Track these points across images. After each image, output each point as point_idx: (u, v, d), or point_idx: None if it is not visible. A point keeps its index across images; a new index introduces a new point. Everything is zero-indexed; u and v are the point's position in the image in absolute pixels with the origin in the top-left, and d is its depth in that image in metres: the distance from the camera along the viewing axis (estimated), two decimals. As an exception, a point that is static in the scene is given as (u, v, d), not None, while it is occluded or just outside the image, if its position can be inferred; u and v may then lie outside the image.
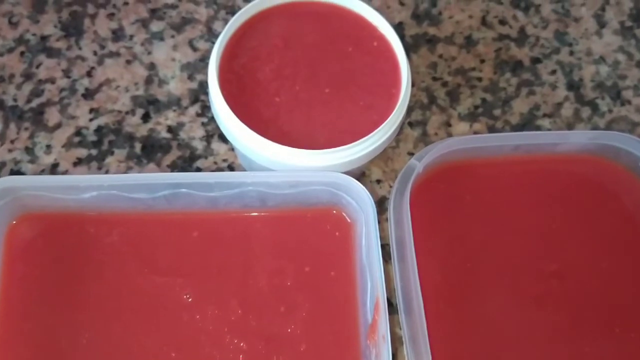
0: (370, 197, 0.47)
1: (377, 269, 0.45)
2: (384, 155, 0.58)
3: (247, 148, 0.49)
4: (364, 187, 0.47)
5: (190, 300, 0.48)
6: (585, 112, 0.61)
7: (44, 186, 0.47)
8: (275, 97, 0.51)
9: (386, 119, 0.49)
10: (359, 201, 0.48)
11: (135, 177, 0.48)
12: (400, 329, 0.48)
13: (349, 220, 0.51)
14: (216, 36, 0.61)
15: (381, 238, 0.47)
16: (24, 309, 0.48)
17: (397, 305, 0.48)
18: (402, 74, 0.51)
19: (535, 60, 0.63)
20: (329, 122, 0.51)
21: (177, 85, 0.61)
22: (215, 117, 0.51)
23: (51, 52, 0.61)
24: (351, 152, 0.49)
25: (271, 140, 0.47)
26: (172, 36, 0.62)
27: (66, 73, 0.61)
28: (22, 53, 0.61)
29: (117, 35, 0.62)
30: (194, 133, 0.59)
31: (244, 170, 0.56)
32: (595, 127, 0.60)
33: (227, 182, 0.48)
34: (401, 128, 0.53)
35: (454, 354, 0.47)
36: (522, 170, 0.53)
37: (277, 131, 0.50)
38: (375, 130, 0.48)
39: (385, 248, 0.49)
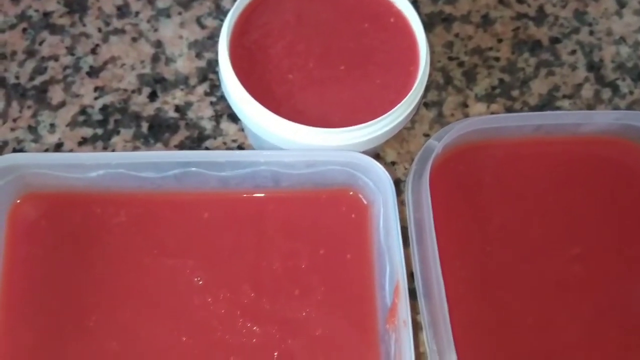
0: (389, 177, 0.46)
1: (397, 251, 0.43)
2: (399, 137, 0.57)
3: (259, 126, 0.47)
4: (383, 168, 0.46)
5: (201, 283, 0.47)
6: (606, 93, 0.60)
7: (48, 164, 0.45)
8: (288, 74, 0.50)
9: (403, 97, 0.48)
10: (377, 182, 0.47)
11: (144, 155, 0.46)
12: (418, 314, 0.46)
13: (365, 202, 0.50)
14: (224, 13, 0.60)
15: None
16: (28, 292, 0.46)
17: (415, 289, 0.47)
18: (420, 50, 0.50)
19: (555, 40, 0.61)
20: (344, 101, 0.49)
21: (184, 64, 0.59)
22: (225, 94, 0.49)
23: (54, 29, 0.60)
24: (368, 131, 0.47)
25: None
26: (179, 13, 0.61)
27: (70, 50, 0.59)
28: (24, 30, 0.60)
29: (122, 11, 0.61)
30: (203, 113, 0.57)
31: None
32: (617, 109, 0.58)
33: (239, 161, 0.47)
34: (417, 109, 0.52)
35: (474, 340, 0.46)
36: (543, 151, 0.52)
37: (290, 109, 0.48)
38: (394, 108, 0.47)
39: (402, 231, 0.48)
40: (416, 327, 0.49)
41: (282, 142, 0.48)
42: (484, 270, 0.49)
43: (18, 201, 0.48)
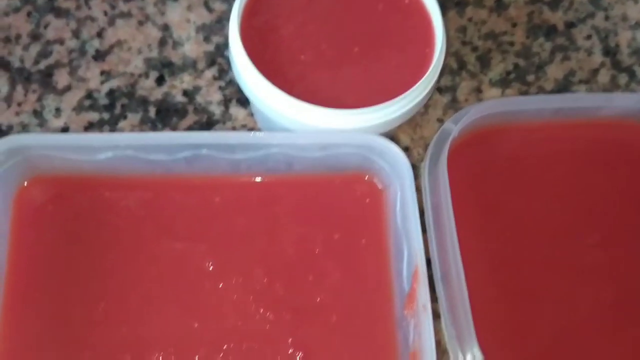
0: (407, 160, 0.45)
1: (416, 235, 0.42)
2: (412, 122, 0.56)
3: (272, 109, 0.46)
4: (400, 150, 0.45)
5: (212, 268, 0.46)
6: (623, 78, 0.59)
7: (55, 145, 0.44)
8: (300, 55, 0.49)
9: (419, 80, 0.47)
10: (394, 165, 0.46)
11: (154, 137, 0.45)
12: (434, 302, 0.45)
13: (380, 187, 0.49)
14: (233, -3, 0.59)
15: (414, 205, 0.45)
16: (35, 277, 0.45)
17: (432, 276, 0.46)
18: (436, 32, 0.49)
19: (570, 25, 0.60)
20: (358, 83, 0.48)
21: (192, 48, 0.58)
22: (236, 76, 0.48)
23: (59, 12, 0.59)
24: (384, 113, 0.46)
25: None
26: (187, -4, 0.60)
27: (75, 34, 0.58)
28: (28, 13, 0.59)
29: (129, -6, 0.60)
30: (211, 97, 0.56)
31: (264, 135, 0.53)
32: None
33: (251, 144, 0.45)
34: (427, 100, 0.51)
35: (493, 326, 0.45)
36: (561, 135, 0.51)
37: (302, 91, 0.47)
38: (410, 90, 0.46)
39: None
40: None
41: (295, 125, 0.47)
42: (502, 256, 0.48)
43: (25, 184, 0.47)
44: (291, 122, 0.46)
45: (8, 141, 0.44)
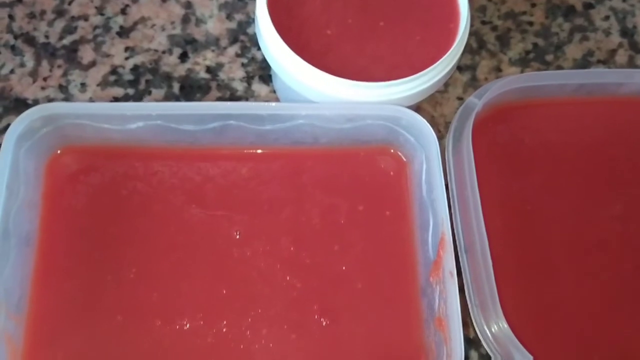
0: (432, 130, 0.46)
1: (442, 204, 0.44)
2: (432, 100, 0.57)
3: (299, 82, 0.48)
4: (425, 121, 0.46)
5: (239, 237, 0.47)
6: (640, 59, 0.60)
7: (88, 114, 0.46)
8: (326, 29, 0.50)
9: (444, 54, 0.48)
10: (419, 137, 0.47)
11: (185, 106, 0.46)
12: (459, 274, 0.46)
13: (404, 159, 0.50)
14: (256, -25, 0.60)
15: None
16: (67, 242, 0.47)
17: (457, 248, 0.47)
18: (460, 7, 0.50)
19: (588, 6, 0.62)
20: (383, 57, 0.50)
21: (215, 25, 0.60)
22: (262, 49, 0.50)
23: (83, -11, 0.60)
24: (409, 87, 0.47)
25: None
26: (210, -26, 0.61)
27: (99, 10, 0.59)
28: (53, -11, 0.60)
29: (152, -28, 0.61)
30: (234, 74, 0.58)
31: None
32: (652, 74, 0.58)
33: (279, 114, 0.47)
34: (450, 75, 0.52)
35: (515, 298, 0.47)
36: (583, 111, 0.52)
37: (328, 65, 0.48)
38: (436, 64, 0.47)
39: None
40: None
41: (320, 98, 0.48)
42: (524, 228, 0.49)
43: (58, 152, 0.48)
44: (317, 95, 0.48)
45: (42, 109, 0.45)
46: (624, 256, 0.49)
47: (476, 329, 0.45)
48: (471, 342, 0.49)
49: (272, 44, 0.48)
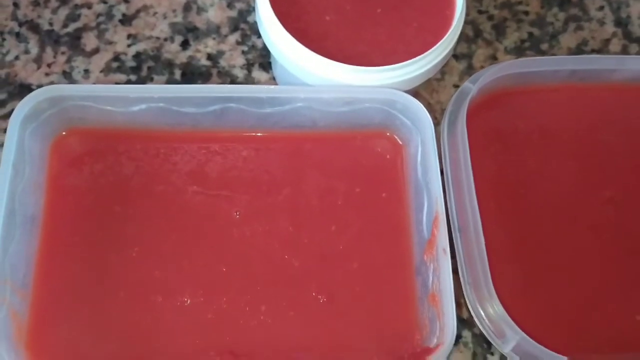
0: (428, 113, 0.48)
1: (436, 184, 0.45)
2: (429, 87, 0.59)
3: (298, 67, 0.49)
4: (421, 104, 0.48)
5: (239, 217, 0.49)
6: (634, 48, 0.62)
7: (92, 96, 0.47)
8: (325, 15, 0.52)
9: (440, 40, 0.50)
10: (415, 120, 0.49)
11: (186, 89, 0.48)
12: (453, 257, 0.48)
13: (400, 143, 0.52)
14: (256, -36, 0.61)
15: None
16: (72, 222, 0.48)
17: (451, 229, 0.48)
18: (456, -6, 0.52)
19: (583, -4, 0.63)
20: (381, 42, 0.51)
21: (216, 13, 0.61)
22: (263, 35, 0.51)
23: (87, -22, 0.62)
24: (406, 71, 0.49)
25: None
26: (210, -37, 0.63)
27: (102, -1, 0.61)
28: (56, -22, 0.61)
29: (154, -39, 0.62)
30: (234, 61, 0.59)
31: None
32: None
33: (278, 97, 0.48)
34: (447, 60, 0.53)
35: (507, 278, 0.48)
36: (576, 97, 0.54)
37: (327, 50, 0.50)
38: (432, 48, 0.49)
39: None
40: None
41: (319, 82, 0.49)
42: (518, 211, 0.51)
43: (63, 134, 0.50)
44: (316, 80, 0.49)
45: (48, 90, 0.47)
46: (616, 238, 0.50)
47: (469, 307, 0.47)
48: (465, 322, 0.51)
49: (272, 30, 0.50)
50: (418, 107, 0.47)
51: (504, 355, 0.47)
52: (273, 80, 0.58)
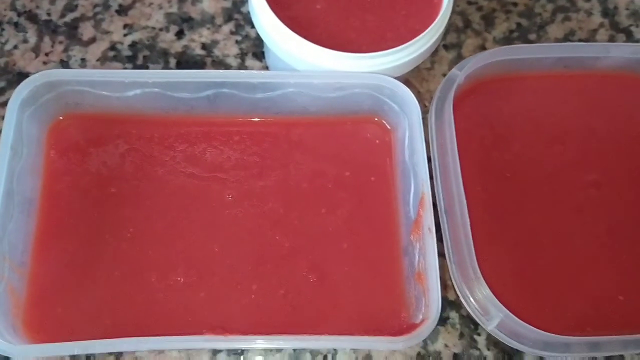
0: (415, 98, 0.49)
1: (423, 166, 0.47)
2: (419, 76, 0.60)
3: (290, 54, 0.51)
4: (408, 89, 0.50)
5: (231, 198, 0.51)
6: (620, 39, 0.63)
7: (89, 80, 0.49)
8: (315, 4, 0.53)
9: (428, 27, 0.51)
10: (403, 104, 0.50)
11: (180, 74, 0.50)
12: (439, 240, 0.49)
13: (388, 127, 0.54)
14: (249, -45, 0.63)
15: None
16: (68, 203, 0.50)
17: (438, 212, 0.50)
18: (443, -18, 0.53)
19: (570, -13, 0.65)
20: (371, 30, 0.53)
21: (210, 4, 0.63)
22: (255, 24, 0.53)
23: (84, -31, 0.63)
24: (395, 57, 0.51)
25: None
26: (206, -45, 0.64)
27: (99, -11, 0.63)
28: (54, -31, 0.63)
29: (150, -46, 0.64)
30: (228, 50, 0.61)
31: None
32: (632, 49, 0.62)
33: (270, 82, 0.50)
34: (436, 50, 0.55)
35: (492, 258, 0.50)
36: (561, 84, 0.55)
37: (318, 37, 0.52)
38: (421, 35, 0.50)
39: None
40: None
41: (311, 69, 0.51)
42: (503, 193, 0.52)
43: (60, 118, 0.52)
44: (307, 67, 0.51)
45: (45, 75, 0.48)
46: (599, 221, 0.52)
47: (455, 287, 0.48)
48: (452, 304, 0.53)
49: (264, 17, 0.51)
50: (405, 92, 0.49)
51: (490, 334, 0.49)
52: (266, 69, 0.60)
